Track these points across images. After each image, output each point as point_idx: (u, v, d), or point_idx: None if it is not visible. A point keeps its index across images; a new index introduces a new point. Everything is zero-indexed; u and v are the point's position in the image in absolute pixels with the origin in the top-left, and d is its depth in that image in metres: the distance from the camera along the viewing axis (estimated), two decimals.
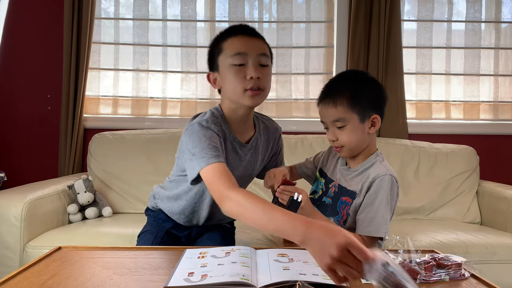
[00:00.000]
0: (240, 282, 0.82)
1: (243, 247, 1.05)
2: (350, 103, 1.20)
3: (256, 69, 1.14)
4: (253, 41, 1.16)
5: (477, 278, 0.92)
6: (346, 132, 1.21)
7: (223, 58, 1.17)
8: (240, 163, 1.27)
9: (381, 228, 1.17)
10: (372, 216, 1.18)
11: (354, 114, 1.20)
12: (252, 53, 1.15)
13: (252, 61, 1.14)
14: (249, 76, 1.13)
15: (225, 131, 1.22)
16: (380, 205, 1.18)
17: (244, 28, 1.19)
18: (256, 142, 1.29)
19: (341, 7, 2.61)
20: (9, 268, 1.69)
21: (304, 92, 2.69)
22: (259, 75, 1.14)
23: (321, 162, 1.40)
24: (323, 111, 1.24)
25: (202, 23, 2.68)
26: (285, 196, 1.12)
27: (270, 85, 1.21)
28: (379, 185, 1.19)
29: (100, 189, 2.25)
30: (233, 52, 1.15)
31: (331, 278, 0.79)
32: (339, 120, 1.21)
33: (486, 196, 2.26)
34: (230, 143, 1.23)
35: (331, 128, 1.24)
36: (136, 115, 2.68)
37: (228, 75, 1.16)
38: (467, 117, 2.68)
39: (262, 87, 1.16)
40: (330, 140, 1.26)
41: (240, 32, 1.17)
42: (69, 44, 2.47)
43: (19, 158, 2.62)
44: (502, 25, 2.68)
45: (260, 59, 1.16)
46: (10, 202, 1.74)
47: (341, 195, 1.27)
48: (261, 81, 1.15)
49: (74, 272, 0.91)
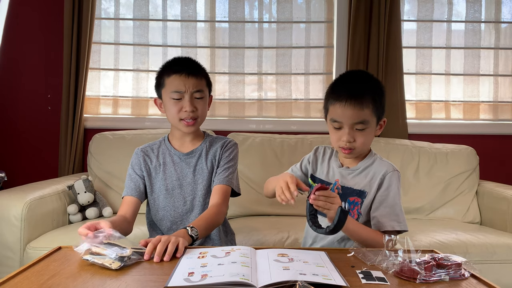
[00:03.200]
0: (240, 282, 0.82)
1: (243, 247, 1.05)
2: (375, 106, 1.19)
3: (191, 103, 1.36)
4: (189, 80, 1.36)
5: (477, 278, 0.92)
6: (365, 134, 1.20)
7: (165, 92, 1.39)
8: (189, 169, 1.44)
9: (403, 221, 1.20)
10: (389, 211, 1.20)
11: (375, 117, 1.21)
12: (188, 91, 1.36)
13: (188, 97, 1.36)
14: (184, 110, 1.36)
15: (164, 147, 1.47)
16: (395, 200, 1.21)
17: (183, 66, 1.38)
18: (200, 153, 1.44)
19: (341, 7, 2.61)
20: (9, 268, 1.70)
21: (304, 92, 2.69)
22: (193, 108, 1.37)
23: (310, 168, 1.37)
24: (346, 111, 1.18)
25: (202, 23, 2.68)
26: (321, 203, 1.08)
27: (206, 111, 1.43)
28: (390, 181, 1.22)
29: (100, 189, 2.25)
30: (172, 89, 1.37)
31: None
32: (363, 123, 1.18)
33: (486, 196, 2.26)
34: (169, 155, 1.45)
35: (348, 130, 1.19)
36: (136, 115, 2.68)
37: (168, 105, 1.39)
38: (467, 117, 2.68)
39: (196, 116, 1.38)
40: (345, 141, 1.20)
41: (180, 70, 1.37)
42: (69, 44, 2.47)
43: (19, 158, 2.63)
44: (502, 25, 2.69)
45: (195, 94, 1.38)
46: (10, 202, 1.74)
47: (348, 196, 1.26)
48: (195, 112, 1.38)
49: (74, 272, 0.91)
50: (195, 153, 1.44)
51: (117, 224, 1.20)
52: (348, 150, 1.22)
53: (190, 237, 1.14)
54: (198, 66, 1.43)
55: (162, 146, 1.47)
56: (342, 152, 1.25)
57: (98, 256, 0.95)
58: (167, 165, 1.43)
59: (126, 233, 1.27)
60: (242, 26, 2.68)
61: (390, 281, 0.88)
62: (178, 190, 1.42)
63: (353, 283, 0.86)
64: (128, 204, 1.38)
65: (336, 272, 0.90)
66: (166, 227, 1.44)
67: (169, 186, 1.42)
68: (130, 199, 1.39)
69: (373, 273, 0.92)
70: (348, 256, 1.04)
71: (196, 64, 1.43)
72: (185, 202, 1.42)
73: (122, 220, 1.29)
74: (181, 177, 1.42)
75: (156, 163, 1.44)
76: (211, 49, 2.68)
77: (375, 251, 1.01)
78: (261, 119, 2.68)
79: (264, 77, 2.70)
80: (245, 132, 2.47)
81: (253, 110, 2.70)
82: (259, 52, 2.68)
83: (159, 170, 1.43)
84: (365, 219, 1.25)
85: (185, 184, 1.42)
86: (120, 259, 0.94)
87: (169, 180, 1.42)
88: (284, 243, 1.79)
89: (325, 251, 1.06)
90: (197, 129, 1.45)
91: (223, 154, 1.44)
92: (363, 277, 0.90)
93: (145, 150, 1.46)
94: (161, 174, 1.43)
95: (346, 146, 1.21)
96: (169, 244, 1.02)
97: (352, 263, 0.99)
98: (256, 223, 2.06)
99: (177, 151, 1.44)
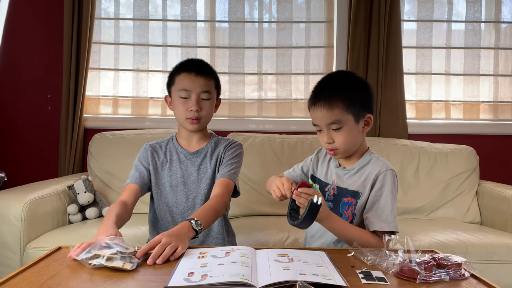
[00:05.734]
0: (240, 282, 0.82)
1: (243, 247, 1.05)
2: (345, 104, 1.20)
3: (197, 103, 1.41)
4: (198, 80, 1.41)
5: (477, 278, 0.92)
6: (342, 133, 1.21)
7: (174, 90, 1.45)
8: (193, 168, 1.47)
9: (393, 222, 1.19)
10: (381, 211, 1.19)
11: (350, 115, 1.21)
12: (195, 90, 1.41)
13: (195, 97, 1.41)
14: (190, 109, 1.40)
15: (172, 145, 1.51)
16: (387, 200, 1.20)
17: (194, 66, 1.44)
18: (205, 153, 1.48)
19: (341, 7, 2.61)
20: (9, 268, 1.70)
21: (304, 92, 2.69)
22: (198, 109, 1.41)
23: (311, 168, 1.40)
24: (317, 114, 1.24)
25: (202, 23, 2.68)
26: (302, 200, 1.10)
27: (212, 112, 1.48)
28: (383, 181, 1.21)
29: (100, 189, 2.25)
30: (180, 87, 1.42)
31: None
32: (336, 123, 1.21)
33: (486, 196, 2.26)
34: (176, 153, 1.49)
35: (326, 131, 1.23)
36: (136, 115, 2.68)
37: (176, 104, 1.44)
38: (467, 117, 2.68)
39: (201, 116, 1.43)
40: (325, 143, 1.24)
41: (190, 69, 1.42)
42: (69, 44, 2.47)
43: (19, 158, 2.63)
44: (502, 25, 2.69)
45: (201, 95, 1.42)
46: (10, 202, 1.74)
47: (342, 197, 1.26)
48: (200, 112, 1.42)
49: (74, 272, 0.92)
50: (201, 152, 1.48)
51: (119, 220, 1.21)
52: (331, 151, 1.25)
53: (194, 231, 1.13)
54: (209, 68, 1.47)
55: (169, 144, 1.52)
56: (329, 154, 1.28)
57: (106, 260, 0.93)
58: (173, 163, 1.48)
59: (125, 222, 1.28)
60: (242, 26, 2.68)
61: (390, 281, 0.88)
62: (182, 187, 1.45)
63: (353, 283, 0.86)
64: (130, 191, 1.39)
65: (336, 272, 0.90)
66: (167, 221, 1.46)
67: (174, 183, 1.46)
68: (132, 186, 1.41)
69: (373, 273, 0.92)
70: (348, 256, 1.04)
71: (207, 66, 1.48)
72: (188, 199, 1.45)
73: (123, 211, 1.27)
74: (186, 175, 1.46)
75: (163, 159, 1.48)
76: (211, 49, 2.68)
77: (375, 251, 1.01)
78: (261, 119, 2.68)
79: (264, 77, 2.70)
80: (245, 132, 2.47)
81: (253, 110, 2.70)
82: (259, 52, 2.68)
83: (165, 167, 1.47)
84: (360, 220, 1.24)
85: (189, 182, 1.46)
86: (128, 259, 0.94)
87: (173, 177, 1.46)
88: (284, 243, 1.79)
89: (325, 251, 1.06)
90: (203, 129, 1.49)
91: (226, 152, 1.47)
92: (363, 277, 0.90)
93: (153, 146, 1.52)
94: (166, 171, 1.47)
95: (327, 147, 1.25)
96: (167, 247, 1.01)
97: (352, 263, 0.99)
98: (256, 223, 2.06)
99: (183, 150, 1.49)
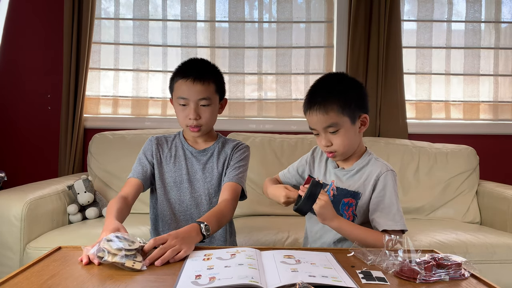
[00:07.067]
0: (250, 284, 0.81)
1: (248, 249, 1.03)
2: (340, 106, 1.20)
3: (195, 111, 1.36)
4: (195, 87, 1.35)
5: (477, 278, 0.92)
6: (340, 136, 1.21)
7: (174, 95, 1.42)
8: (199, 166, 1.45)
9: (400, 220, 1.19)
10: (387, 211, 1.20)
11: (345, 117, 1.21)
12: (193, 98, 1.36)
13: (193, 105, 1.36)
14: (189, 118, 1.37)
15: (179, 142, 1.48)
16: (391, 200, 1.21)
17: (192, 71, 1.37)
18: (212, 152, 1.45)
19: (341, 7, 2.61)
20: (9, 268, 1.70)
21: (304, 92, 2.65)
22: (197, 117, 1.36)
23: (307, 169, 1.39)
24: (313, 118, 1.23)
25: (202, 23, 2.68)
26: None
27: (214, 117, 1.43)
28: (385, 181, 1.22)
29: (100, 189, 2.25)
30: (178, 95, 1.38)
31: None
32: (332, 126, 1.21)
33: (486, 196, 2.26)
34: (182, 149, 1.47)
35: (324, 134, 1.23)
36: (136, 115, 2.68)
37: (177, 110, 1.42)
38: (467, 117, 2.68)
39: (201, 124, 1.38)
40: (324, 146, 1.24)
41: (187, 76, 1.36)
42: (69, 44, 2.47)
43: (19, 158, 2.63)
44: (502, 25, 2.69)
45: (200, 102, 1.37)
46: (10, 202, 1.74)
47: (342, 197, 1.26)
48: (200, 120, 1.37)
49: (74, 272, 0.91)
50: (208, 151, 1.45)
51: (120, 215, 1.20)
52: (330, 154, 1.25)
53: (202, 236, 1.12)
54: (209, 70, 1.41)
55: (176, 139, 1.49)
56: (328, 156, 1.28)
57: (110, 255, 0.93)
58: (178, 158, 1.45)
59: (125, 217, 1.26)
60: (242, 26, 2.67)
61: (390, 281, 0.88)
62: (186, 185, 1.42)
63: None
64: (131, 185, 1.36)
65: (345, 274, 0.89)
66: (169, 218, 1.43)
67: (178, 180, 1.43)
68: (134, 181, 1.38)
69: (373, 273, 0.92)
70: (348, 256, 1.04)
71: (207, 69, 1.41)
72: (192, 197, 1.42)
73: (123, 206, 1.26)
74: (191, 173, 1.43)
75: (167, 154, 1.45)
76: (211, 49, 2.68)
77: (375, 251, 1.01)
78: (261, 119, 2.68)
79: (264, 77, 2.70)
80: (245, 132, 2.47)
81: (253, 110, 2.70)
82: (259, 52, 2.68)
83: (169, 162, 1.44)
84: (362, 220, 1.25)
85: (194, 180, 1.43)
86: (132, 256, 0.94)
87: (178, 173, 1.43)
88: (284, 243, 1.79)
89: (330, 252, 1.05)
90: (205, 134, 1.45)
91: (234, 155, 1.44)
92: (363, 277, 0.90)
93: (159, 139, 1.49)
94: (171, 166, 1.44)
95: (326, 150, 1.25)
96: (169, 250, 0.99)
97: (352, 263, 0.99)
98: (256, 223, 2.06)
99: (190, 146, 1.46)
